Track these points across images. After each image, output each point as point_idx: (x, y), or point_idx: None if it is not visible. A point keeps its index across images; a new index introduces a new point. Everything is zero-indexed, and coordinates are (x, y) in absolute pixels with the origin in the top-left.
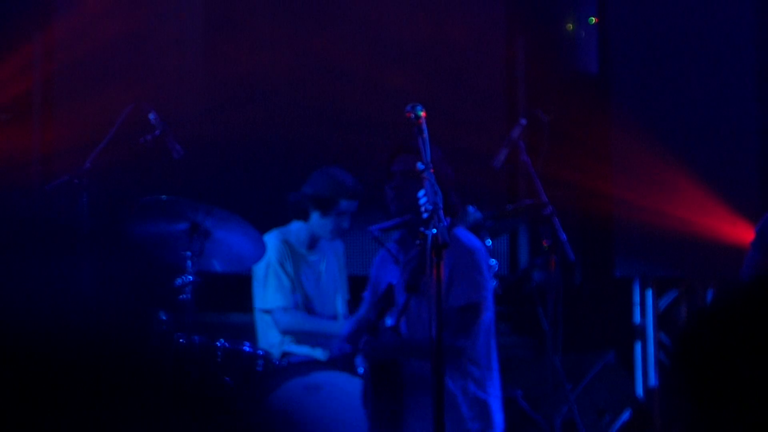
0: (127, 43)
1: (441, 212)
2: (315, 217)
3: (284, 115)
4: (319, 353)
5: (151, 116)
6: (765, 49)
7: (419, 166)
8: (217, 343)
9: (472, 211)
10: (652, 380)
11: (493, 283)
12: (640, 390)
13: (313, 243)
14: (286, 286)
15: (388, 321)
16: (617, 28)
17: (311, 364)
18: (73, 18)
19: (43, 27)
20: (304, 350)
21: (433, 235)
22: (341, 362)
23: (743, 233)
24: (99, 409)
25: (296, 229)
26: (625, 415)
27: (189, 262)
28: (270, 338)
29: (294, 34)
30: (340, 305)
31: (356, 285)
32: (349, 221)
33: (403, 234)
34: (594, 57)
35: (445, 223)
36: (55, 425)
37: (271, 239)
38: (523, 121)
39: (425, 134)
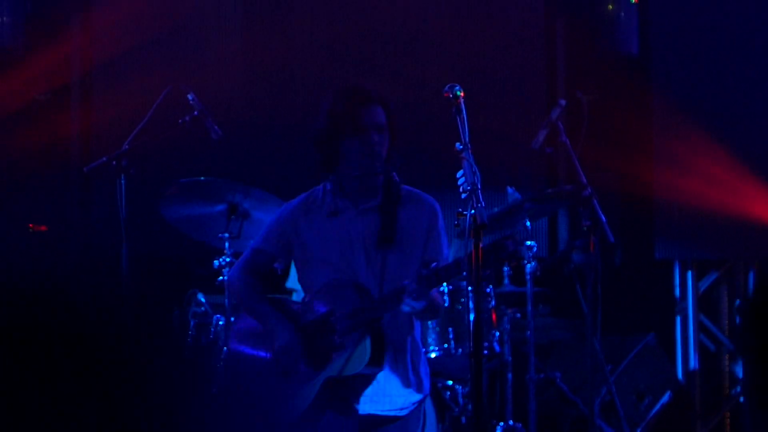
0: (166, 26)
1: (479, 193)
2: None
3: (320, 97)
4: None
5: (190, 97)
6: None
7: (457, 146)
8: None
9: (511, 192)
10: (693, 363)
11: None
12: (680, 372)
13: None
14: None
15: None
16: (658, 8)
17: None
18: (113, 2)
19: (84, 11)
20: None
21: (472, 215)
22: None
23: None
24: (138, 385)
25: None
26: (665, 398)
27: (227, 244)
28: None
29: (331, 18)
30: None
31: None
32: None
33: (353, 184)
34: (634, 38)
35: (483, 204)
36: (88, 406)
37: None
38: (563, 102)
39: (464, 114)
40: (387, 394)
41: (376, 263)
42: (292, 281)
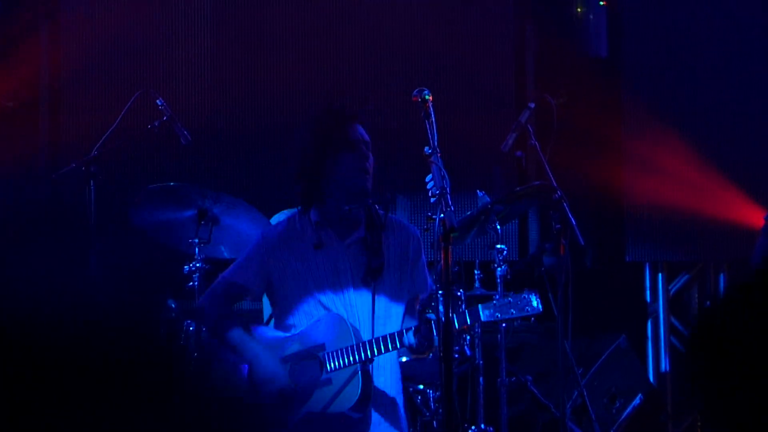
0: (134, 31)
1: (449, 197)
2: None
3: (291, 102)
4: None
5: (159, 102)
6: None
7: (426, 150)
8: None
9: (481, 196)
10: (664, 365)
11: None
12: (651, 375)
13: None
14: None
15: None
16: (627, 10)
17: None
18: (80, 6)
19: (51, 16)
20: None
21: (441, 219)
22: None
23: (755, 217)
24: (106, 398)
25: None
26: (637, 400)
27: (197, 249)
28: None
29: (302, 24)
30: None
31: None
32: None
33: (338, 215)
34: (604, 40)
35: (452, 208)
36: (62, 415)
37: (280, 219)
38: (532, 105)
39: (432, 118)
40: None
41: (365, 298)
42: None
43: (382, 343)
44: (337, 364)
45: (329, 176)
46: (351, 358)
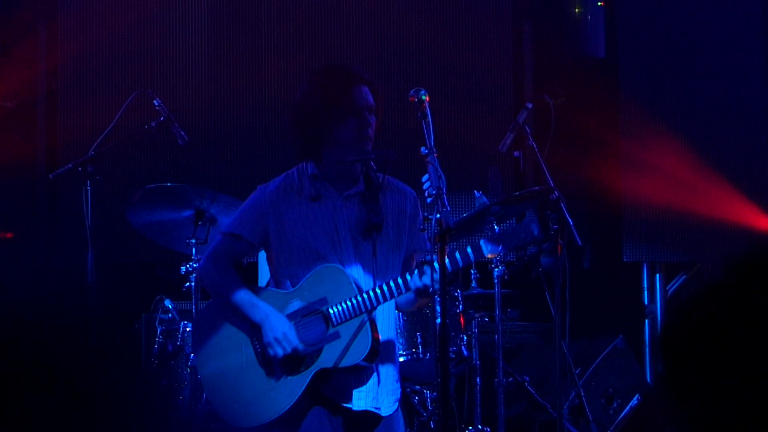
0: (132, 32)
1: (445, 197)
2: None
3: (288, 103)
4: None
5: (156, 102)
6: None
7: (423, 150)
8: None
9: (479, 196)
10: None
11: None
12: (648, 375)
13: None
14: None
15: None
16: (625, 11)
17: None
18: (78, 8)
19: (50, 16)
20: None
21: (438, 219)
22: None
23: (752, 217)
24: (103, 394)
25: None
26: (634, 401)
27: (194, 249)
28: None
29: (297, 23)
30: None
31: None
32: None
33: (337, 170)
34: (602, 41)
35: (448, 208)
36: (60, 408)
37: None
38: (530, 106)
39: (429, 118)
40: (381, 390)
41: (365, 251)
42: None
43: (386, 290)
44: (342, 317)
45: (331, 136)
46: (357, 309)
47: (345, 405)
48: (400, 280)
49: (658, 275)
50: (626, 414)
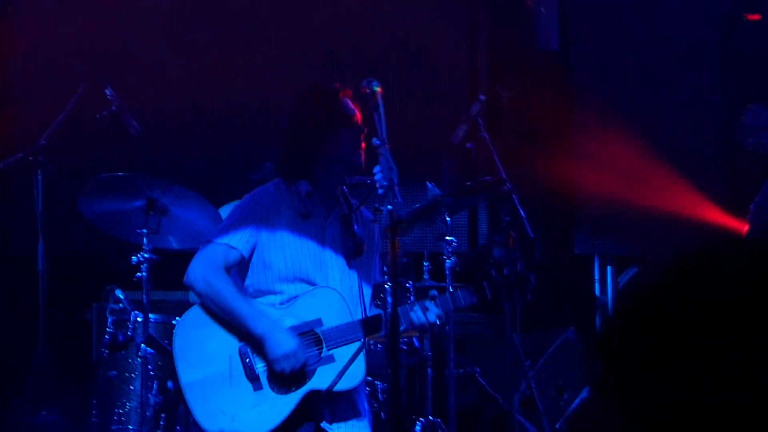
0: (85, 22)
1: (397, 188)
2: None
3: (243, 92)
4: None
5: (108, 92)
6: (727, 27)
7: (375, 141)
8: (174, 321)
9: (431, 188)
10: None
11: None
12: None
13: None
14: None
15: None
16: (578, 4)
17: None
18: None
19: (2, 6)
20: None
21: (389, 211)
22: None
23: (704, 211)
24: (55, 381)
25: None
26: (584, 393)
27: (145, 240)
28: None
29: (253, 13)
30: None
31: None
32: None
33: (329, 189)
34: (555, 34)
35: (400, 199)
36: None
37: (228, 211)
38: (483, 98)
39: (381, 109)
40: (357, 414)
41: (350, 275)
42: None
43: (389, 320)
44: (338, 341)
45: (327, 151)
46: (354, 334)
47: (328, 425)
48: (400, 311)
49: (609, 267)
50: (576, 406)
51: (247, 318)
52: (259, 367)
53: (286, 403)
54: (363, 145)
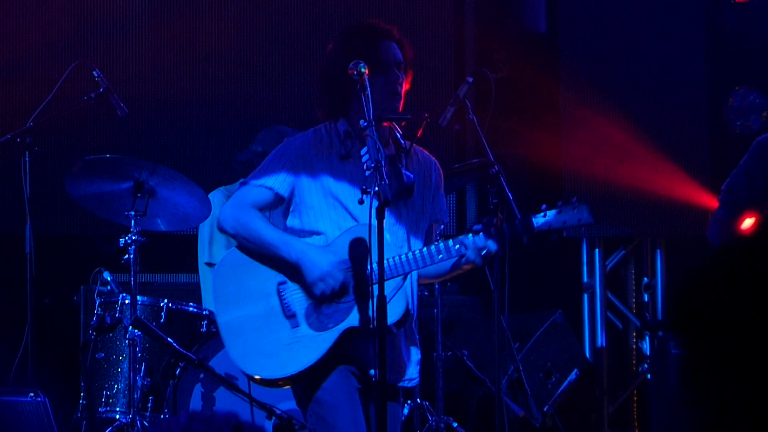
0: (71, 2)
1: (383, 170)
2: None
3: (230, 74)
4: None
5: (95, 74)
6: (713, 7)
7: (362, 123)
8: (161, 303)
9: None
10: (600, 340)
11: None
12: (587, 350)
13: None
14: (233, 243)
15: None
16: None
17: None
18: None
19: None
20: None
21: (376, 192)
22: None
23: (692, 193)
24: (44, 364)
25: None
26: (573, 375)
27: (133, 222)
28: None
29: None
30: None
31: None
32: None
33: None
34: (542, 16)
35: (387, 181)
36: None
37: (217, 196)
38: (470, 80)
39: (368, 91)
40: (403, 362)
41: (394, 215)
42: (207, 256)
43: (426, 254)
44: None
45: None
46: (395, 270)
47: (369, 370)
48: (443, 245)
49: (597, 250)
50: (564, 389)
51: (280, 246)
52: (297, 304)
53: (323, 340)
54: (404, 87)
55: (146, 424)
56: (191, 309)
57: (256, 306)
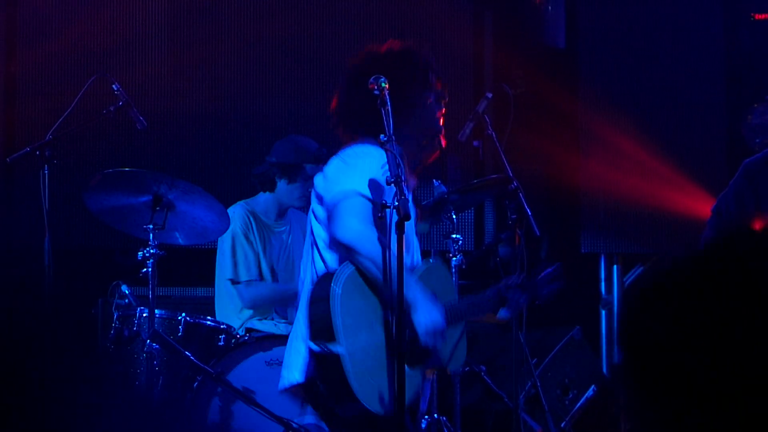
0: (91, 16)
1: (403, 185)
2: (282, 185)
3: (248, 88)
4: (282, 329)
5: (115, 87)
6: (733, 25)
7: (382, 137)
8: (179, 316)
9: (437, 185)
10: (618, 357)
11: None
12: (605, 366)
13: (281, 213)
14: (251, 258)
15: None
16: (585, 1)
17: (273, 339)
18: None
19: (8, 1)
20: (267, 326)
21: (395, 207)
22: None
23: (708, 210)
24: (60, 381)
25: (263, 200)
26: (590, 392)
27: (151, 235)
28: (230, 307)
29: (258, 12)
30: None
31: None
32: None
33: (408, 155)
34: (562, 31)
35: (408, 196)
36: (15, 396)
37: (237, 210)
38: (489, 95)
39: (388, 106)
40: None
41: (418, 247)
42: (227, 271)
43: (480, 305)
44: (453, 319)
45: (415, 111)
46: (463, 315)
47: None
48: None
49: (615, 266)
50: (582, 404)
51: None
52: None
53: (417, 377)
54: (443, 110)
55: None
56: (209, 323)
57: (371, 338)
